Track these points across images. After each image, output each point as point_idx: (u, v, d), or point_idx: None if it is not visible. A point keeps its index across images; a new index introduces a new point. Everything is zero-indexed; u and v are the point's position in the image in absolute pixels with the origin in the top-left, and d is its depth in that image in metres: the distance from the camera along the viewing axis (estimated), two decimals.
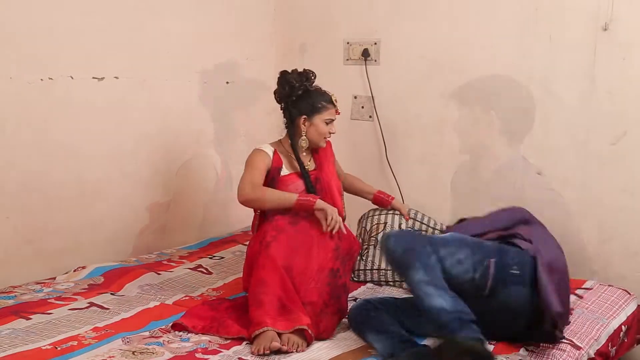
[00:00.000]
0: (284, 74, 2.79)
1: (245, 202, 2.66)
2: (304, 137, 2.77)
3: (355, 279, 2.98)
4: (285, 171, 2.77)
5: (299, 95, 2.74)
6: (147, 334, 2.36)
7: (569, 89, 3.15)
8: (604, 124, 3.08)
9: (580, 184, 3.14)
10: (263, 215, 2.73)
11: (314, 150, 2.85)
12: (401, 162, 3.65)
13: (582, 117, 3.13)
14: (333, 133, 2.80)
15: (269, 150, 2.77)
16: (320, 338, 2.37)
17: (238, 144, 3.69)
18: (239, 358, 2.20)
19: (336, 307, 2.48)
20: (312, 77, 2.78)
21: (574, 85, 3.14)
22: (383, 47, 3.64)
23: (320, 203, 2.61)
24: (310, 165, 2.82)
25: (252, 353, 2.23)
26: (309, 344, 2.31)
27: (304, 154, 2.82)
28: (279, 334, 2.28)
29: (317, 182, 2.79)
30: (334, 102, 2.78)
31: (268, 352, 2.22)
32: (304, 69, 2.80)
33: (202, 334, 2.37)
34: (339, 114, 2.81)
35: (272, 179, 2.73)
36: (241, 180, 2.69)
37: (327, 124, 2.76)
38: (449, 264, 2.30)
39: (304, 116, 2.74)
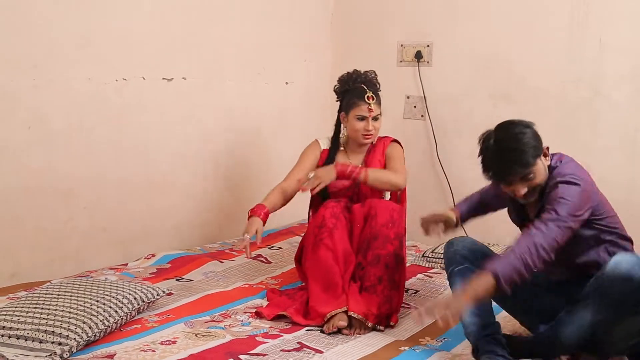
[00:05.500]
0: (343, 74, 2.89)
1: None
2: (343, 133, 2.89)
3: None
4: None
5: (342, 92, 2.86)
6: (208, 318, 2.50)
7: (617, 90, 3.21)
8: None
9: (628, 184, 3.19)
10: (316, 203, 2.84)
11: (369, 149, 2.87)
12: (451, 159, 3.73)
13: (631, 117, 3.19)
14: (369, 130, 2.74)
15: (323, 144, 2.90)
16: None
17: (295, 140, 3.82)
18: (298, 342, 2.31)
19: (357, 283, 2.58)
20: (362, 76, 2.82)
21: (622, 87, 3.20)
22: (435, 49, 3.74)
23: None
24: (358, 164, 2.83)
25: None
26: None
27: (356, 152, 2.87)
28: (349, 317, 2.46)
29: (357, 185, 2.75)
30: (366, 99, 2.72)
31: (335, 329, 2.42)
32: (355, 70, 2.86)
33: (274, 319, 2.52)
34: (372, 111, 2.72)
35: None
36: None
37: (358, 120, 2.75)
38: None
39: (342, 112, 2.84)
